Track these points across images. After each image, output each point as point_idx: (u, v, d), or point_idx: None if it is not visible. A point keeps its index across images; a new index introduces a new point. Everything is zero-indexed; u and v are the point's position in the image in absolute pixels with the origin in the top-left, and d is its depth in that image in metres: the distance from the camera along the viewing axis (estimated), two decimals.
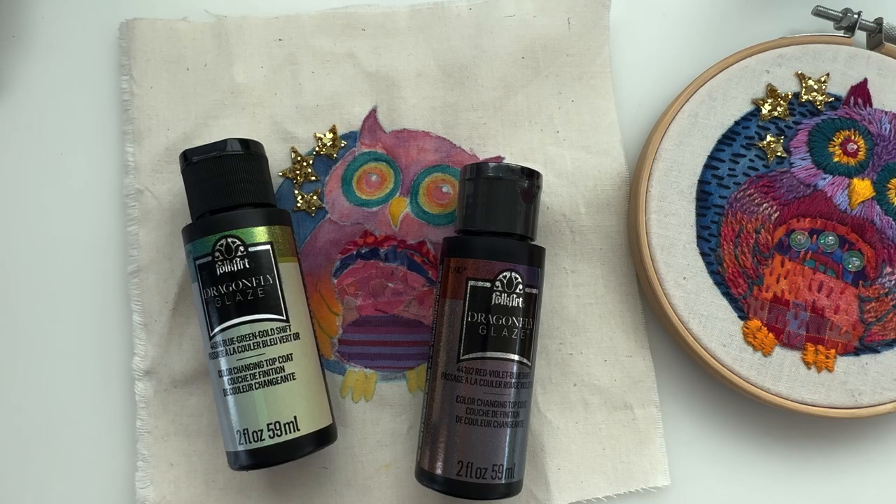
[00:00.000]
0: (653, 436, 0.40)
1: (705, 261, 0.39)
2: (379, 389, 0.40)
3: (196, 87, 0.41)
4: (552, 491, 0.40)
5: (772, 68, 0.40)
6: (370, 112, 0.41)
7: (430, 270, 0.41)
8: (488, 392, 0.35)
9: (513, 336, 0.35)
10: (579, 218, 0.41)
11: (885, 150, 0.39)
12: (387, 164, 0.41)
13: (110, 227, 0.42)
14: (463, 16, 0.41)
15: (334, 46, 0.41)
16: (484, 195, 0.37)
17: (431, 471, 0.36)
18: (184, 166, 0.37)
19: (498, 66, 0.41)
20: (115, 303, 0.41)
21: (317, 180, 0.41)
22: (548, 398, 0.40)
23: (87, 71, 0.43)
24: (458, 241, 0.37)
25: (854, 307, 0.39)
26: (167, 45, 0.41)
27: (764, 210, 0.39)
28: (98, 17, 0.43)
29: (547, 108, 0.42)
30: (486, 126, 0.41)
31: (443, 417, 0.36)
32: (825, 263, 0.39)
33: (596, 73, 0.42)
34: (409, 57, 0.41)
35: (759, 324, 0.39)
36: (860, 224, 0.39)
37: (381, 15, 0.42)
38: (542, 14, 0.41)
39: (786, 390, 0.38)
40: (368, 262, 0.41)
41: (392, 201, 0.41)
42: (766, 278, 0.39)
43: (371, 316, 0.41)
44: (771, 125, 0.40)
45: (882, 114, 0.40)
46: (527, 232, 0.37)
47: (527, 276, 0.36)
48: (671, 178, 0.39)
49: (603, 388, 0.40)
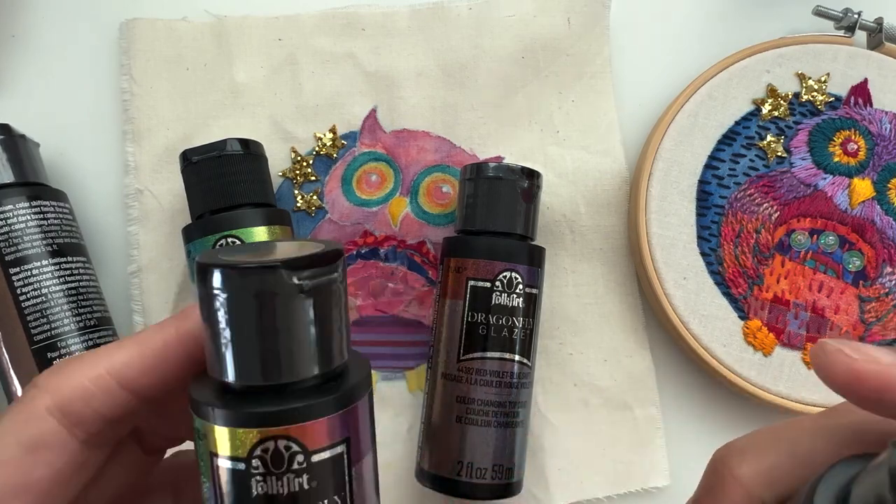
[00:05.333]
0: (653, 436, 0.40)
1: (705, 261, 0.39)
2: (379, 389, 0.40)
3: (196, 87, 0.41)
4: (552, 491, 0.40)
5: (772, 68, 0.40)
6: (370, 112, 0.41)
7: (430, 270, 0.41)
8: (488, 392, 0.35)
9: (513, 336, 0.35)
10: (579, 218, 0.41)
11: (885, 150, 0.39)
12: (387, 163, 0.41)
13: (110, 227, 0.42)
14: (463, 16, 0.41)
15: (334, 46, 0.41)
16: (484, 195, 0.36)
17: (431, 471, 0.35)
18: (184, 166, 0.37)
19: (498, 66, 0.41)
20: (115, 303, 0.41)
21: (317, 180, 0.41)
22: (548, 398, 0.40)
23: (86, 71, 0.42)
24: (458, 241, 0.37)
25: (854, 307, 0.39)
26: (167, 45, 0.41)
27: (764, 210, 0.39)
28: (98, 17, 0.43)
29: (547, 107, 0.42)
30: (486, 126, 0.41)
31: (443, 417, 0.35)
32: (825, 263, 0.39)
33: (596, 72, 0.42)
34: (409, 57, 0.41)
35: (760, 324, 0.39)
36: (860, 224, 0.39)
37: (381, 15, 0.42)
38: (543, 14, 0.41)
39: (786, 390, 0.38)
40: (368, 263, 0.41)
41: (392, 201, 0.41)
42: (767, 278, 0.39)
43: (371, 316, 0.40)
44: (771, 125, 0.40)
45: (882, 114, 0.40)
46: (527, 232, 0.37)
47: (527, 276, 0.36)
48: (671, 177, 0.39)
49: (603, 388, 0.40)
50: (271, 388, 0.19)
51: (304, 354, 0.19)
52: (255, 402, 0.19)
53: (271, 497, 0.19)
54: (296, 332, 0.19)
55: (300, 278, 0.18)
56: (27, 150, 0.39)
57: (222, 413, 0.19)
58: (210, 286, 0.19)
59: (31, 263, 0.36)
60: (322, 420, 0.19)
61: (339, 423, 0.19)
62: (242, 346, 0.19)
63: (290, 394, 0.19)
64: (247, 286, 0.18)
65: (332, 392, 0.19)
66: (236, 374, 0.19)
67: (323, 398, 0.19)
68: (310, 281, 0.19)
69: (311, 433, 0.19)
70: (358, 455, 0.20)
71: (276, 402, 0.19)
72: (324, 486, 0.19)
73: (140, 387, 0.20)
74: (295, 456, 0.19)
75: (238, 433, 0.19)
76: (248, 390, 0.19)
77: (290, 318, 0.19)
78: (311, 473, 0.19)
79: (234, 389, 0.19)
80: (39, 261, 0.36)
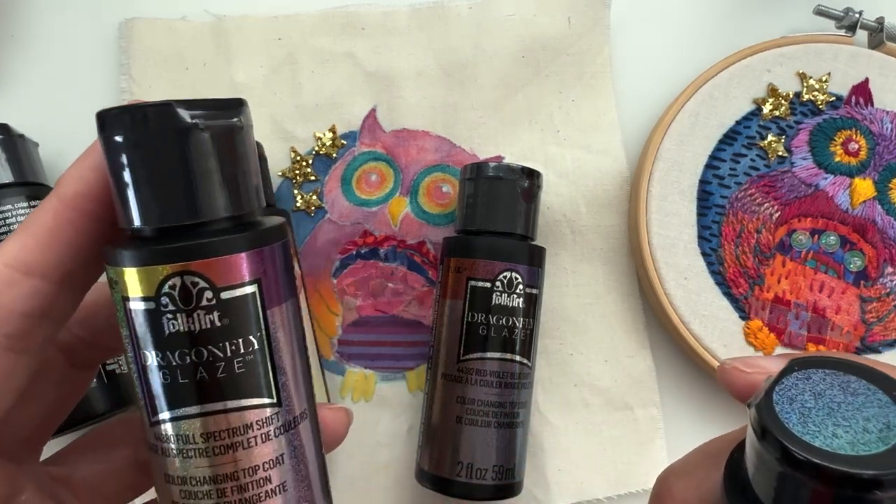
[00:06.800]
0: (653, 436, 0.40)
1: (706, 261, 0.39)
2: (379, 390, 0.40)
3: (195, 87, 0.41)
4: (552, 491, 0.40)
5: (773, 67, 0.40)
6: (370, 111, 0.41)
7: (430, 270, 0.41)
8: (488, 392, 0.35)
9: (513, 336, 0.35)
10: (580, 218, 0.41)
11: (886, 149, 0.39)
12: (386, 163, 0.41)
13: None
14: (463, 15, 0.41)
15: (334, 46, 0.41)
16: (484, 195, 0.36)
17: (431, 471, 0.35)
18: None
19: (498, 66, 0.41)
20: None
21: (316, 180, 0.41)
22: (548, 398, 0.40)
23: (86, 70, 0.42)
24: (459, 241, 0.37)
25: (855, 307, 0.39)
26: (166, 44, 0.41)
27: (765, 210, 0.39)
28: (97, 17, 0.43)
29: (547, 107, 0.41)
30: (486, 126, 0.41)
31: (443, 418, 0.35)
32: (826, 263, 0.39)
33: (596, 72, 0.42)
34: (409, 56, 0.41)
35: (761, 324, 0.39)
36: (861, 224, 0.39)
37: (381, 14, 0.41)
38: (543, 13, 0.41)
39: None
40: (368, 263, 0.41)
41: (392, 201, 0.41)
42: (768, 278, 0.39)
43: (371, 316, 0.40)
44: (772, 125, 0.40)
45: (883, 113, 0.39)
46: (527, 232, 0.37)
47: (527, 276, 0.36)
48: (672, 177, 0.39)
49: (603, 388, 0.40)
50: (179, 229, 0.19)
51: (207, 196, 0.19)
52: (162, 241, 0.19)
53: (183, 335, 0.19)
54: (196, 171, 0.19)
55: (194, 116, 0.19)
56: (26, 149, 0.38)
57: (129, 254, 0.19)
58: (108, 131, 0.19)
59: None
60: (228, 257, 0.19)
61: (247, 262, 0.20)
62: (143, 188, 0.19)
63: (197, 235, 0.19)
64: (141, 125, 0.19)
65: (239, 232, 0.20)
66: (141, 217, 0.19)
67: (229, 236, 0.19)
68: (205, 121, 0.19)
69: (216, 269, 0.19)
70: (272, 299, 0.20)
71: (182, 240, 0.19)
72: (236, 324, 0.19)
73: (44, 267, 0.19)
74: (203, 292, 0.19)
75: (145, 272, 0.19)
76: (156, 234, 0.20)
77: (188, 157, 0.19)
78: (221, 311, 0.19)
79: (144, 236, 0.20)
80: None
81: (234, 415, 0.20)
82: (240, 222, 0.20)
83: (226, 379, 0.20)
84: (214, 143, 0.19)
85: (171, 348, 0.19)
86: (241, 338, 0.20)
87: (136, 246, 0.19)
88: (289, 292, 0.21)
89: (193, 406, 0.20)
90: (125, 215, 0.19)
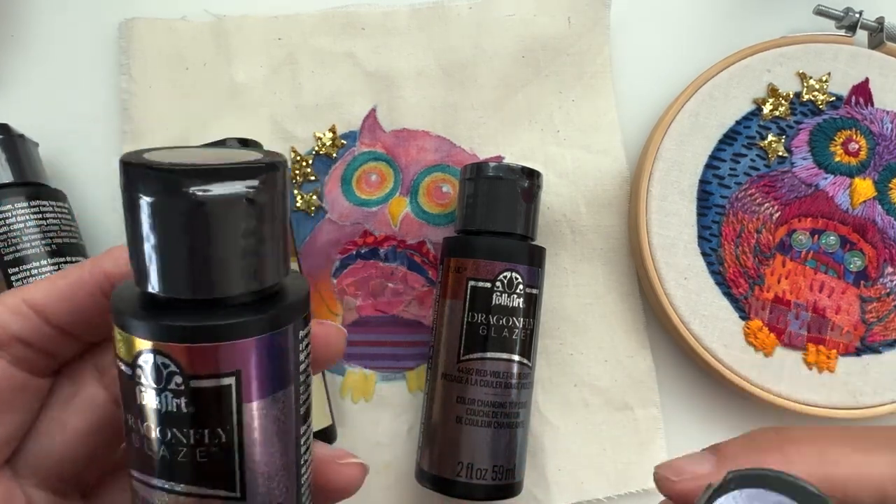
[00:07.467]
0: (654, 436, 0.40)
1: (706, 261, 0.39)
2: (379, 390, 0.40)
3: (195, 87, 0.41)
4: (552, 491, 0.40)
5: (773, 67, 0.40)
6: (370, 111, 0.41)
7: (430, 270, 0.41)
8: (488, 392, 0.35)
9: (513, 336, 0.35)
10: (580, 218, 0.41)
11: (886, 149, 0.39)
12: (386, 163, 0.41)
13: (109, 227, 0.42)
14: (463, 15, 0.41)
15: (334, 46, 0.41)
16: (484, 195, 0.36)
17: (431, 471, 0.35)
18: None
19: (498, 66, 0.41)
20: None
21: (316, 180, 0.41)
22: (548, 398, 0.40)
23: (86, 70, 0.42)
24: (459, 241, 0.37)
25: (855, 307, 0.39)
26: (166, 44, 0.41)
27: (765, 210, 0.39)
28: (98, 17, 0.43)
29: (547, 107, 0.41)
30: (486, 126, 0.41)
31: (443, 418, 0.35)
32: (826, 263, 0.39)
33: (596, 72, 0.42)
34: (409, 56, 0.41)
35: (761, 324, 0.39)
36: (862, 224, 0.39)
37: (381, 14, 0.41)
38: (543, 13, 0.41)
39: (787, 391, 0.38)
40: (368, 263, 0.41)
41: (392, 201, 0.41)
42: (768, 278, 0.39)
43: (371, 316, 0.40)
44: (772, 125, 0.40)
45: (884, 113, 0.39)
46: (527, 232, 0.37)
47: (527, 276, 0.36)
48: (672, 177, 0.39)
49: (603, 388, 0.40)
50: (166, 301, 0.18)
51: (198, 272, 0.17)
52: (147, 312, 0.18)
53: (152, 409, 0.18)
54: (187, 244, 0.17)
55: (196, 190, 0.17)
56: (26, 149, 0.38)
57: (117, 314, 0.18)
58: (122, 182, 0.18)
59: (30, 263, 0.36)
60: (203, 346, 0.17)
61: (223, 354, 0.18)
62: (137, 248, 0.18)
63: (178, 314, 0.18)
64: (135, 186, 0.17)
65: (221, 319, 0.18)
66: (135, 276, 0.18)
67: (207, 323, 0.17)
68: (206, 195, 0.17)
69: (188, 356, 0.18)
70: (252, 393, 0.18)
71: (162, 316, 0.18)
72: (204, 415, 0.18)
73: (52, 314, 0.22)
74: (173, 376, 0.18)
75: (125, 339, 0.18)
76: (144, 302, 0.18)
77: (176, 227, 0.17)
78: (188, 398, 0.18)
79: (142, 299, 0.19)
80: (38, 261, 0.36)
81: (193, 499, 0.19)
82: (233, 304, 0.18)
83: (185, 464, 0.18)
84: (213, 219, 0.17)
85: (142, 417, 0.19)
86: (208, 429, 0.18)
87: (129, 308, 0.18)
88: (279, 384, 0.19)
89: (155, 478, 0.19)
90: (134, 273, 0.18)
